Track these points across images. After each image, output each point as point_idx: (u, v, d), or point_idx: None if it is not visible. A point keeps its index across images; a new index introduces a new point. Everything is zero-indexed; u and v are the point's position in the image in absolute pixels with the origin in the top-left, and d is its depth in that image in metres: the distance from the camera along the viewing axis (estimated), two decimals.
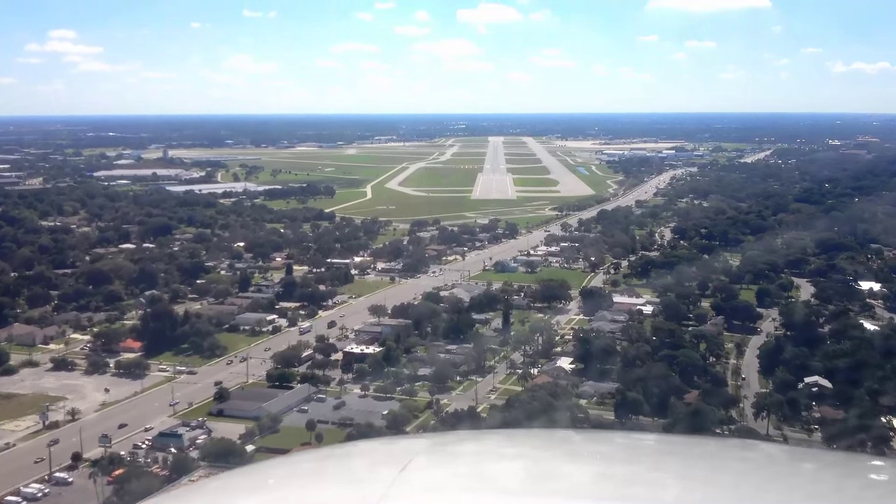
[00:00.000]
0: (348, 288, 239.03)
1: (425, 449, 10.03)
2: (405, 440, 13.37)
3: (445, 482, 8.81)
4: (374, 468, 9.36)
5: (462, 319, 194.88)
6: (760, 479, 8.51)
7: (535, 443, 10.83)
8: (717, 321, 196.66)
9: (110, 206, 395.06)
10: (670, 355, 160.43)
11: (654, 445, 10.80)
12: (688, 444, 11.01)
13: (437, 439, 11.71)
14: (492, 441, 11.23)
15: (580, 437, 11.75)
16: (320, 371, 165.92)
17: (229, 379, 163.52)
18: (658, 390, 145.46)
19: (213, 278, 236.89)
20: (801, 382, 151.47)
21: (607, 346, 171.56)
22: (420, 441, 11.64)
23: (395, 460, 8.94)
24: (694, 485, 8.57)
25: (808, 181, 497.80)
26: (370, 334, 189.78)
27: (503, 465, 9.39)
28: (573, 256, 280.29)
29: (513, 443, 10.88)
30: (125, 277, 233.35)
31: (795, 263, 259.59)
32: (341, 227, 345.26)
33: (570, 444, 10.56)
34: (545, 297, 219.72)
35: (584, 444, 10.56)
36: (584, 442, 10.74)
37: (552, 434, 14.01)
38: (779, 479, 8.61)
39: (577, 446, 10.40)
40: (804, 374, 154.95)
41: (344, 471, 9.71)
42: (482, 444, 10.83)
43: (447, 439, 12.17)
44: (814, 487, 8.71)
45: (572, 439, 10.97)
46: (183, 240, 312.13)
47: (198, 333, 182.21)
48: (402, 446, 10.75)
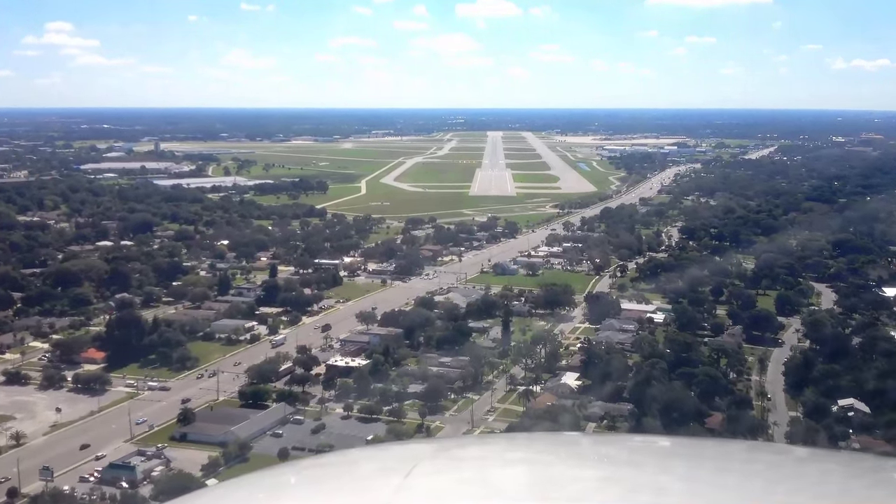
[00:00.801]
0: (336, 291, 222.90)
1: (430, 454, 9.81)
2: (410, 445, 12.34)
3: (450, 488, 8.65)
4: (379, 474, 9.27)
5: (458, 328, 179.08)
6: (766, 480, 8.40)
7: (539, 447, 10.67)
8: (736, 332, 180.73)
9: (93, 201, 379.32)
10: (688, 373, 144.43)
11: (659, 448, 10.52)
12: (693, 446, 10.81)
13: (441, 444, 11.59)
14: (496, 446, 11.17)
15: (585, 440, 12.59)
16: (299, 387, 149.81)
17: (198, 396, 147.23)
18: (676, 413, 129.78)
19: (190, 280, 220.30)
20: (835, 404, 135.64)
21: (617, 360, 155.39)
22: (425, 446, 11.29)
23: (400, 466, 8.82)
24: (699, 487, 8.45)
25: (816, 178, 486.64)
26: (357, 344, 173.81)
27: (508, 469, 9.28)
28: (576, 258, 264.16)
29: (517, 447, 10.81)
30: (96, 279, 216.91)
31: (813, 267, 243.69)
32: (332, 224, 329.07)
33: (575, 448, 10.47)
34: (548, 303, 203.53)
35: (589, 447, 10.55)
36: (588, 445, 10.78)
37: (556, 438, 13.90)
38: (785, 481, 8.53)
39: (581, 450, 10.33)
40: (837, 394, 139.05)
41: (349, 477, 9.53)
42: (487, 449, 10.65)
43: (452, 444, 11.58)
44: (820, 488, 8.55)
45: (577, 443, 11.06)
46: (164, 237, 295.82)
47: (167, 343, 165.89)
48: (407, 452, 10.56)
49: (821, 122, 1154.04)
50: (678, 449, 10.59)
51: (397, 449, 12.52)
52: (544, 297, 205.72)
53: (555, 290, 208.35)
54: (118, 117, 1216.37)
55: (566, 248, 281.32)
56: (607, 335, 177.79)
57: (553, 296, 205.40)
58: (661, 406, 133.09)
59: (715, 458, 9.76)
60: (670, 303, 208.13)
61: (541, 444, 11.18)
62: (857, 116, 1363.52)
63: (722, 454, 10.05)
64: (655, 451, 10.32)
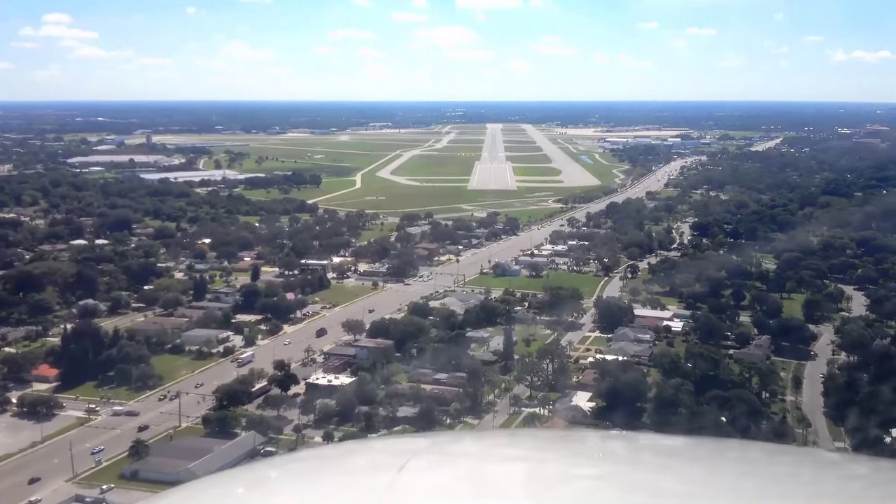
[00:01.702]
0: (323, 295, 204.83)
1: (424, 449, 9.60)
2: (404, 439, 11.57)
3: (444, 483, 8.54)
4: (372, 468, 9.04)
5: (455, 339, 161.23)
6: (761, 480, 8.31)
7: (534, 443, 10.54)
8: (763, 342, 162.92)
9: (73, 196, 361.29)
10: (719, 396, 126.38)
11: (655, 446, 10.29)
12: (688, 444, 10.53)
13: (436, 439, 11.43)
14: (491, 441, 11.03)
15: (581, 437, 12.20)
16: (274, 411, 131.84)
17: (158, 422, 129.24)
18: None
19: (163, 284, 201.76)
20: (888, 436, 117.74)
21: (634, 377, 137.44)
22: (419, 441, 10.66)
23: (394, 460, 8.62)
24: (695, 485, 8.36)
25: (828, 171, 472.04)
26: (342, 358, 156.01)
27: (502, 465, 9.05)
28: (583, 257, 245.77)
29: (512, 443, 10.64)
30: (60, 283, 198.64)
31: (839, 267, 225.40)
32: (322, 220, 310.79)
33: (570, 445, 10.34)
34: (554, 309, 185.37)
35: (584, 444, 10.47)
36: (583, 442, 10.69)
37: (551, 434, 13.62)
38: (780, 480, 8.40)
39: (576, 446, 10.20)
40: (888, 422, 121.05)
41: (342, 470, 9.36)
42: (481, 445, 10.50)
43: (446, 439, 11.48)
44: (815, 488, 8.40)
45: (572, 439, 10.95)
46: (143, 235, 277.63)
47: (127, 358, 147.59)
48: (401, 446, 10.23)
49: (823, 114, 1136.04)
50: (674, 446, 10.07)
51: (391, 443, 12.02)
52: (550, 303, 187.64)
53: (561, 295, 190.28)
54: (115, 110, 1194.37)
55: (571, 247, 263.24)
56: (621, 346, 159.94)
57: (559, 301, 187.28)
58: (688, 435, 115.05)
59: (712, 456, 9.49)
60: (687, 308, 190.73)
61: (535, 440, 11.12)
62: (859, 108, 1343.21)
63: (718, 452, 9.77)
64: (651, 449, 9.93)
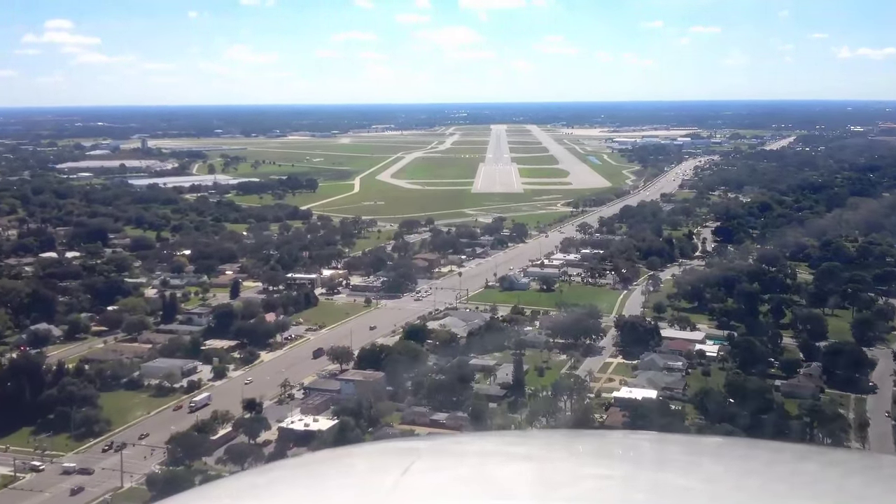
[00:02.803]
0: (310, 314, 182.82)
1: (428, 451, 9.71)
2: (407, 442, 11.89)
3: (448, 485, 8.51)
4: (376, 471, 9.08)
5: (456, 369, 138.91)
6: (764, 478, 8.35)
7: (537, 444, 10.58)
8: (814, 371, 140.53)
9: (54, 204, 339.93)
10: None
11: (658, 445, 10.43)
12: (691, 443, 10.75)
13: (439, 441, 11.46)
14: (494, 443, 11.02)
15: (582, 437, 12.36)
16: (238, 466, 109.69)
17: (97, 481, 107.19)
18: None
19: (129, 304, 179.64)
20: None
21: (669, 419, 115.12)
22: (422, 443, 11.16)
23: (398, 463, 8.67)
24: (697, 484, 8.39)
25: (848, 170, 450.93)
26: (324, 394, 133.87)
27: (506, 467, 9.08)
28: (598, 267, 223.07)
29: (515, 444, 10.62)
30: (14, 304, 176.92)
31: (882, 278, 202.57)
32: (315, 228, 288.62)
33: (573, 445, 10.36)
34: (569, 330, 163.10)
35: (587, 444, 10.45)
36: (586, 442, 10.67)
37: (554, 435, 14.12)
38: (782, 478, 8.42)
39: (579, 447, 10.17)
40: None
41: (346, 473, 9.37)
42: (485, 447, 10.45)
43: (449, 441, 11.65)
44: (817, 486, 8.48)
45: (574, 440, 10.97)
46: (120, 246, 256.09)
47: (71, 398, 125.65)
48: (405, 448, 10.39)
49: (830, 112, 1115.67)
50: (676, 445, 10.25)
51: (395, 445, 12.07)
52: (565, 324, 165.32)
53: (578, 314, 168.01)
54: (117, 115, 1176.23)
55: (585, 255, 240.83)
56: (649, 377, 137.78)
57: (576, 321, 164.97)
58: None
59: (713, 455, 9.55)
60: (720, 327, 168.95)
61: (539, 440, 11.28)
62: (867, 106, 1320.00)
63: (720, 450, 9.85)
64: (654, 448, 10.08)
